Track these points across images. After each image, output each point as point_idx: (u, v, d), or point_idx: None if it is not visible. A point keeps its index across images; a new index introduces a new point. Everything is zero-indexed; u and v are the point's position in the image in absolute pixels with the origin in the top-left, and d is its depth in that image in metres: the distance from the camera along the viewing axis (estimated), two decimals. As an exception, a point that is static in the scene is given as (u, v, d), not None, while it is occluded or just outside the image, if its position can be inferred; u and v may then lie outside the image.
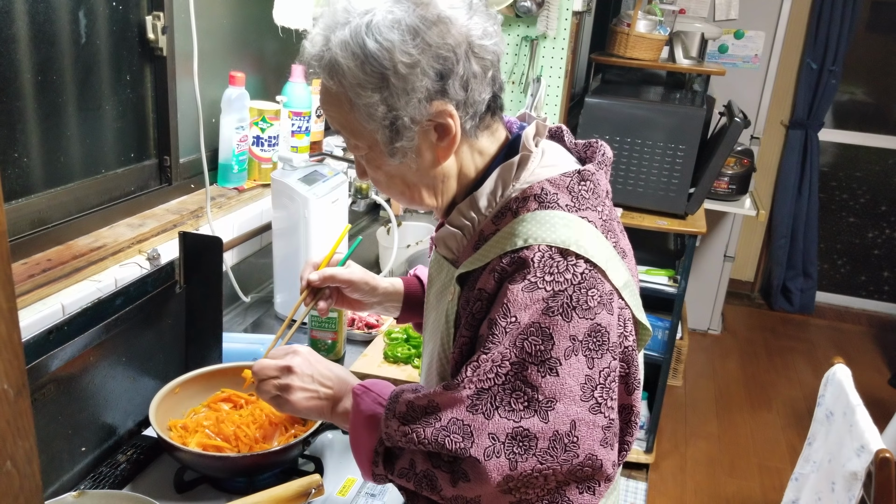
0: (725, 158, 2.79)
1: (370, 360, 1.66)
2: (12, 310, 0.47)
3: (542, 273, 0.88)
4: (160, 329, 1.41)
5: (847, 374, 1.89)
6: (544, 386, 0.87)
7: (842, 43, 4.29)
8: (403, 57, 0.88)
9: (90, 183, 1.57)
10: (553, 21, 2.53)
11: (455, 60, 0.90)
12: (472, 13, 0.92)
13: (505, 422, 0.87)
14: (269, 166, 2.00)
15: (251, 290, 1.96)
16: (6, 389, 0.47)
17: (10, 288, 0.46)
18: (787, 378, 4.08)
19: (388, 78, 0.89)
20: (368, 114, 0.92)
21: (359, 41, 0.89)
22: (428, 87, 0.90)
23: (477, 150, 1.00)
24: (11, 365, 0.47)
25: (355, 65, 0.89)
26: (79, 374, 1.20)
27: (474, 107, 0.94)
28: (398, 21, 0.88)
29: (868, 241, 4.91)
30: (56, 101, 1.46)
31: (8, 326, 0.47)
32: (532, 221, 0.92)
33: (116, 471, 1.26)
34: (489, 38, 0.93)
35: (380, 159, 0.98)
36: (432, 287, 1.10)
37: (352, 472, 1.32)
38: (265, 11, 1.92)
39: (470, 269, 0.97)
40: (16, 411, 0.48)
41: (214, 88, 1.87)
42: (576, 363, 0.88)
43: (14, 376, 0.48)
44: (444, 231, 1.03)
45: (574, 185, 0.96)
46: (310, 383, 1.06)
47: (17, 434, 0.49)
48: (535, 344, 0.87)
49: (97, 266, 1.44)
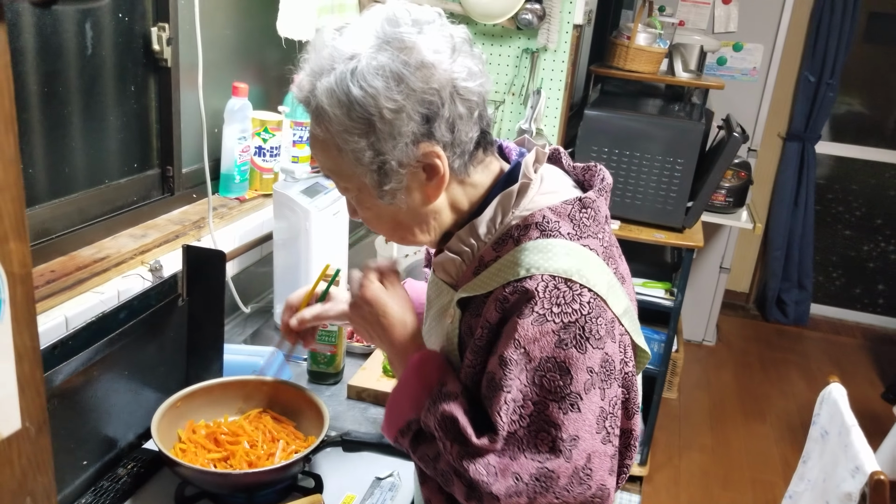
0: (723, 173, 2.81)
1: (369, 373, 1.67)
2: (35, 349, 0.47)
3: (549, 304, 0.89)
4: (162, 342, 1.41)
5: (842, 393, 1.91)
6: (567, 424, 0.88)
7: (839, 56, 4.32)
8: (388, 103, 0.89)
9: (93, 193, 1.58)
10: (554, 34, 2.54)
11: (440, 104, 0.91)
12: (456, 55, 0.92)
13: (530, 462, 0.88)
14: (270, 176, 2.01)
15: (251, 300, 1.97)
16: (28, 427, 0.48)
17: (34, 329, 0.47)
18: (781, 390, 4.10)
19: (374, 123, 0.90)
20: (356, 158, 0.93)
21: (344, 88, 0.89)
22: (414, 131, 0.91)
23: (469, 185, 1.01)
24: (34, 403, 0.48)
25: (341, 112, 0.90)
26: (82, 388, 1.20)
27: (461, 146, 0.95)
28: (382, 67, 0.89)
29: (863, 254, 4.93)
30: (61, 113, 1.46)
31: (31, 366, 0.47)
32: (534, 250, 0.93)
33: (118, 484, 1.26)
34: (474, 80, 0.93)
35: (369, 200, 0.99)
36: (431, 309, 1.11)
37: (352, 489, 1.32)
38: (268, 22, 1.93)
39: (471, 295, 0.98)
40: (36, 448, 0.49)
41: (217, 99, 1.88)
42: (594, 396, 0.89)
43: (35, 414, 0.48)
44: (444, 257, 1.04)
45: (575, 212, 0.97)
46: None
47: (37, 470, 0.49)
48: (553, 380, 0.88)
49: (100, 277, 1.45)
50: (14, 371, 0.46)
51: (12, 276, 0.45)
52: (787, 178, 4.58)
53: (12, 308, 0.45)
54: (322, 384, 1.67)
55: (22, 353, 0.46)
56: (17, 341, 0.46)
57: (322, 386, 1.66)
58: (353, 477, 1.35)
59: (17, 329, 0.46)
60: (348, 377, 1.66)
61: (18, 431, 0.47)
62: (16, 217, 0.44)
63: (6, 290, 0.44)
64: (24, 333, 0.46)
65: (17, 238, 0.44)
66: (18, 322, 0.45)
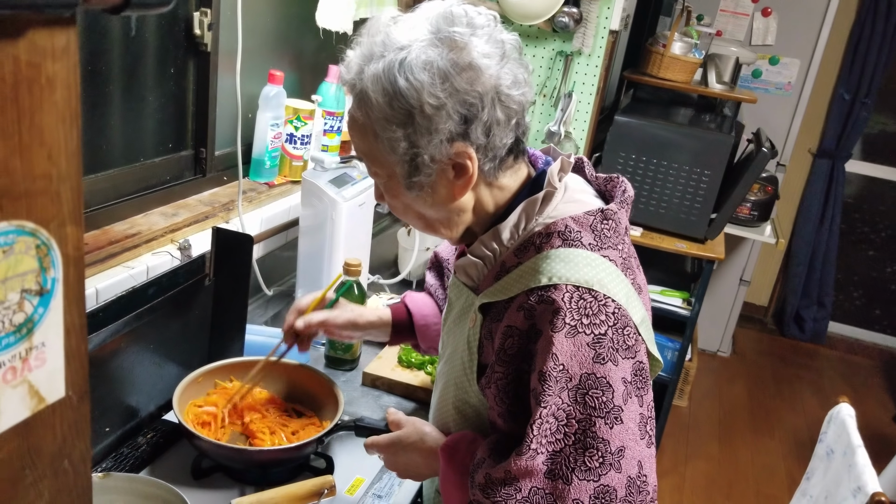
0: (749, 187, 2.81)
1: (384, 362, 1.71)
2: (83, 326, 0.51)
3: (578, 315, 0.91)
4: (188, 319, 1.46)
5: (851, 413, 1.92)
6: (613, 437, 0.89)
7: (877, 75, 4.28)
8: (431, 99, 0.90)
9: (128, 171, 1.62)
10: (589, 38, 2.56)
11: (480, 107, 0.93)
12: (505, 62, 0.94)
13: (585, 483, 0.88)
14: (299, 164, 2.05)
15: (274, 283, 2.01)
16: (71, 396, 0.52)
17: (83, 306, 0.51)
18: (792, 406, 4.10)
19: (414, 116, 0.92)
20: (391, 147, 0.95)
21: (390, 77, 0.91)
22: (451, 130, 0.93)
23: (497, 187, 1.03)
24: (78, 374, 0.52)
25: (384, 100, 0.92)
26: (109, 359, 1.25)
27: (494, 150, 0.97)
28: (430, 63, 0.90)
29: (886, 276, 4.90)
30: (103, 91, 1.51)
31: (78, 340, 0.51)
32: (556, 259, 0.95)
33: (137, 452, 1.31)
34: (518, 88, 0.95)
35: (397, 189, 1.01)
36: (451, 311, 1.13)
37: (361, 472, 1.36)
38: (306, 11, 1.97)
39: (493, 300, 1.00)
40: (77, 415, 0.53)
41: (252, 84, 1.92)
42: (632, 405, 0.91)
43: (79, 384, 0.52)
44: (466, 260, 1.06)
45: (597, 223, 0.99)
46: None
47: (76, 436, 0.53)
48: (596, 396, 0.89)
49: (131, 253, 1.49)
50: (63, 345, 0.50)
51: (67, 257, 0.48)
52: (814, 194, 4.56)
53: (65, 287, 0.49)
54: (338, 370, 1.71)
55: (70, 328, 0.50)
56: (66, 318, 0.50)
57: (338, 371, 1.70)
58: (363, 461, 1.39)
59: (67, 307, 0.49)
60: (364, 364, 1.70)
61: (62, 399, 0.51)
62: (74, 204, 0.48)
63: (61, 270, 0.48)
64: (74, 311, 0.50)
65: (74, 223, 0.48)
66: (69, 300, 0.49)
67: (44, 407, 0.50)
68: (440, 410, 1.15)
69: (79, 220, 0.49)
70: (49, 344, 0.49)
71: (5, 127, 0.43)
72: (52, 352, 0.49)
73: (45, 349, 0.49)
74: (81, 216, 0.49)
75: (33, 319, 0.47)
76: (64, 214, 0.47)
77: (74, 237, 0.49)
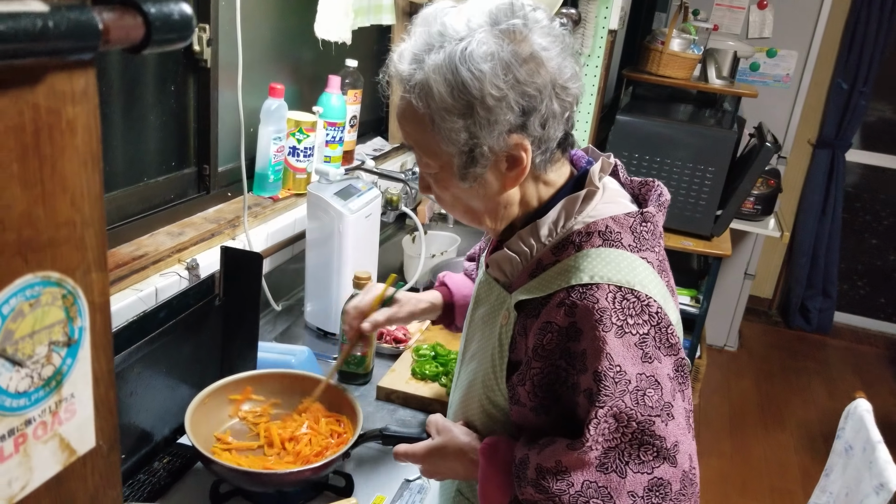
0: (754, 182, 2.80)
1: (398, 375, 1.69)
2: (111, 372, 0.50)
3: (623, 315, 0.90)
4: (199, 340, 1.44)
5: (868, 409, 1.90)
6: (668, 433, 0.89)
7: (874, 64, 4.28)
8: (493, 90, 0.90)
9: (132, 191, 1.61)
10: (588, 39, 2.55)
11: (540, 99, 0.92)
12: (564, 55, 0.94)
13: (640, 476, 0.88)
14: (303, 176, 2.03)
15: (282, 297, 2.00)
16: (101, 445, 0.51)
17: (110, 353, 0.49)
18: (802, 399, 4.09)
19: (475, 107, 0.91)
20: (449, 138, 0.94)
21: (452, 67, 0.90)
22: (510, 121, 0.92)
23: (542, 182, 1.03)
24: (107, 422, 0.51)
25: (446, 90, 0.91)
26: (122, 385, 1.23)
27: (547, 143, 0.97)
28: (492, 53, 0.89)
29: (889, 264, 4.89)
30: (103, 111, 1.48)
31: (106, 388, 0.50)
32: (596, 258, 0.94)
33: (154, 478, 1.30)
34: (574, 81, 0.95)
35: (449, 181, 1.00)
36: (479, 307, 1.12)
37: (381, 490, 1.35)
38: (304, 23, 1.95)
39: (529, 297, 0.99)
40: (108, 464, 0.52)
41: (253, 98, 1.90)
42: (679, 400, 0.92)
43: (108, 433, 0.51)
44: (501, 254, 1.05)
45: (637, 225, 0.98)
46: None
47: (107, 485, 0.52)
48: (652, 396, 0.89)
49: (139, 275, 1.48)
50: (91, 394, 0.48)
51: (93, 304, 0.47)
52: (815, 184, 4.55)
53: (92, 335, 0.47)
54: (351, 384, 1.69)
55: (98, 377, 0.49)
56: (94, 366, 0.48)
57: (351, 386, 1.69)
58: (383, 478, 1.38)
59: (95, 355, 0.48)
60: (377, 378, 1.68)
61: (93, 449, 0.50)
62: (99, 250, 0.46)
63: (88, 318, 0.46)
64: (101, 358, 0.49)
65: (99, 269, 0.47)
66: (97, 348, 0.48)
67: (75, 459, 0.48)
68: (465, 411, 1.14)
69: (104, 265, 0.47)
70: (78, 395, 0.47)
71: (27, 177, 0.41)
72: (82, 402, 0.48)
73: (74, 400, 0.47)
74: (106, 261, 0.47)
75: (62, 371, 0.46)
76: (89, 261, 0.46)
77: (100, 283, 0.47)
